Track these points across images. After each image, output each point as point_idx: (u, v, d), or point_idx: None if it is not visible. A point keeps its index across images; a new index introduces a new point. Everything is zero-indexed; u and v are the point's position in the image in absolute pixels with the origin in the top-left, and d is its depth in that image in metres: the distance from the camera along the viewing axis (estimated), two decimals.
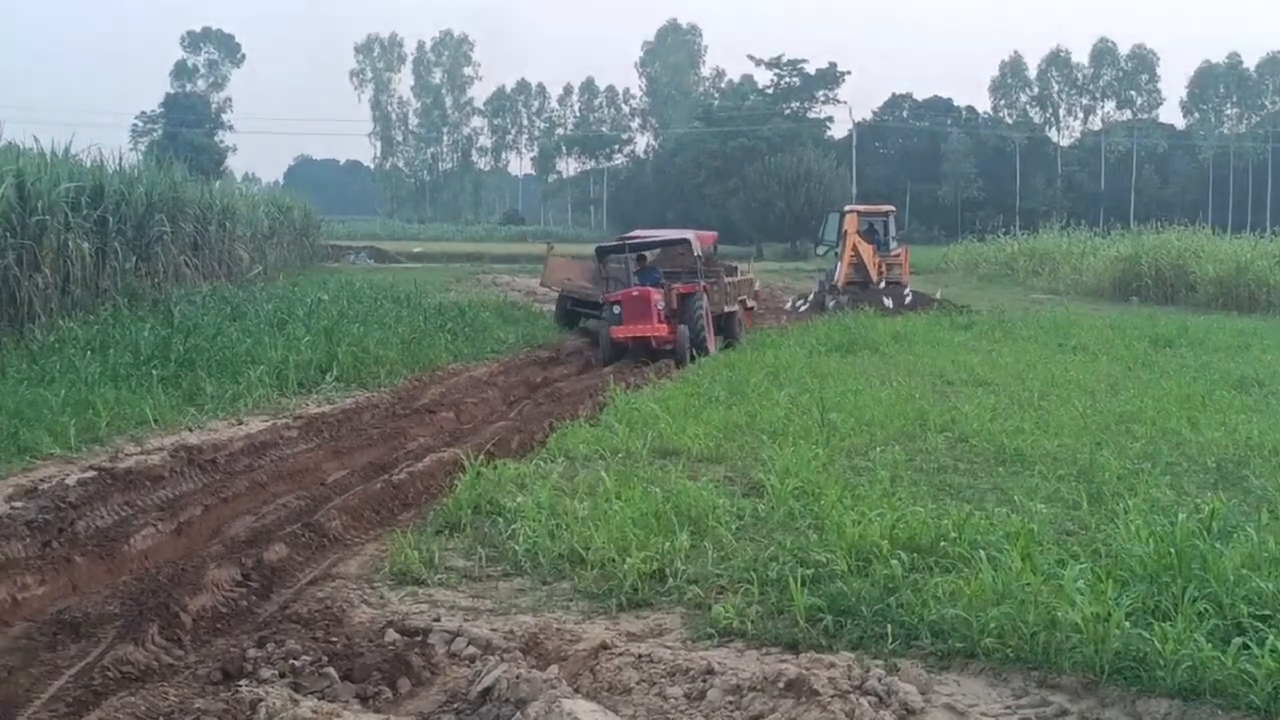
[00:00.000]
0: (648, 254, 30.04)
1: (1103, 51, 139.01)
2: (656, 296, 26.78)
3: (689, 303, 27.56)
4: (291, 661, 7.77)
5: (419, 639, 8.37)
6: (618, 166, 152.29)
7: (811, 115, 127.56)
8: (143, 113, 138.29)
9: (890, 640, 8.23)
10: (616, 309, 26.88)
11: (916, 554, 9.63)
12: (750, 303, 33.75)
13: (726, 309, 29.90)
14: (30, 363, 19.75)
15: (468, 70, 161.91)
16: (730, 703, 7.25)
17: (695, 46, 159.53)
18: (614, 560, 9.91)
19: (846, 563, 9.49)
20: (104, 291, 26.30)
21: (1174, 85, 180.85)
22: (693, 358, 25.90)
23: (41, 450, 14.87)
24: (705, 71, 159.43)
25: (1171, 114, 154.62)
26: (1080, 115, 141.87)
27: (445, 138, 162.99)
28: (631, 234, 35.09)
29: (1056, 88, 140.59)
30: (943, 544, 9.81)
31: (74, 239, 24.74)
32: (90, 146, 29.98)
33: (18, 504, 12.33)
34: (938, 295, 45.07)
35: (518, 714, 6.82)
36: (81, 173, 27.09)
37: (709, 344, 27.19)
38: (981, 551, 9.25)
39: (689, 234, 31.65)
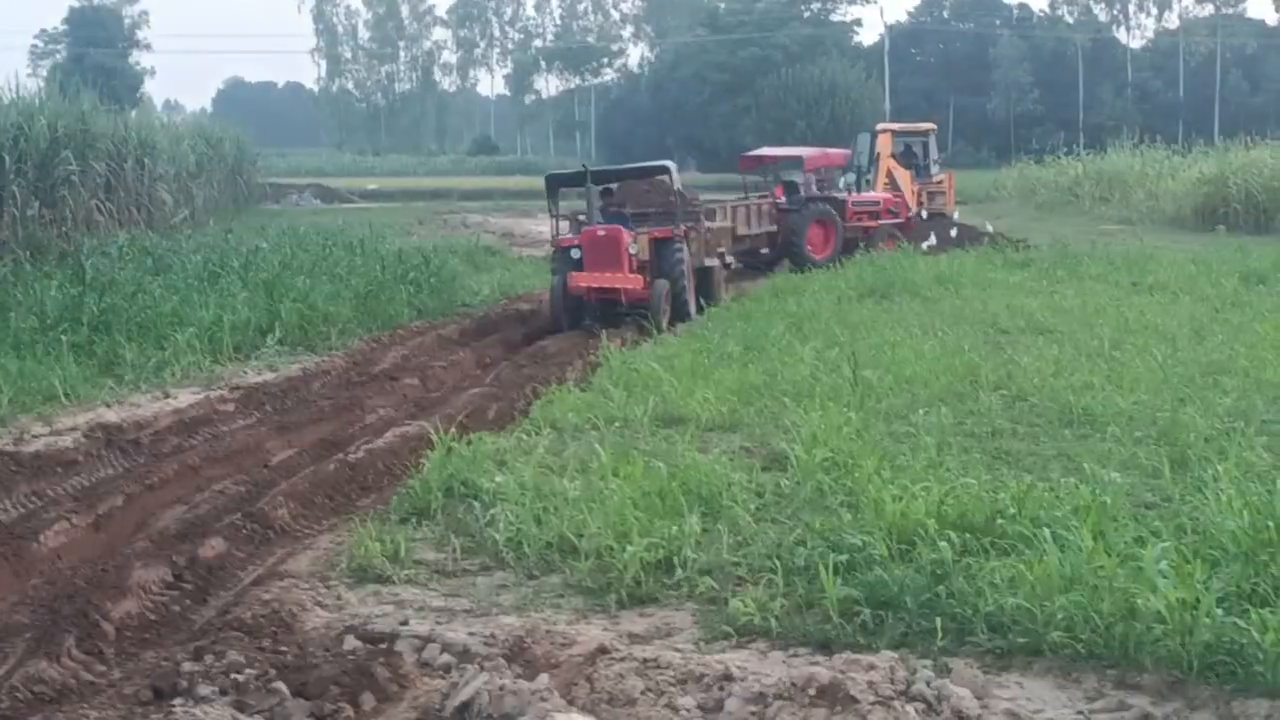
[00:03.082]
0: (614, 186, 28.46)
1: None
2: (627, 239, 25.04)
3: (666, 251, 25.85)
4: (234, 676, 7.76)
5: (384, 646, 8.37)
6: (607, 84, 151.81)
7: (835, 18, 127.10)
8: (43, 31, 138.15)
9: (940, 636, 8.24)
10: (575, 254, 25.18)
11: (969, 534, 9.60)
12: (727, 256, 31.59)
13: (706, 262, 27.99)
14: None
15: None
16: (752, 714, 7.24)
17: None
18: (612, 549, 9.89)
19: (886, 546, 9.47)
20: (2, 243, 26.27)
21: None
22: (671, 320, 24.68)
23: None
24: None
25: (1262, 7, 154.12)
26: (1153, 12, 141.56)
27: (402, 54, 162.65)
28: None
29: None
30: (1000, 522, 9.78)
31: None
32: None
33: None
34: (988, 228, 44.98)
35: None
36: None
37: (690, 305, 25.65)
38: (1046, 530, 9.20)
39: (667, 163, 29.18)
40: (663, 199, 28.01)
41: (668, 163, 29.24)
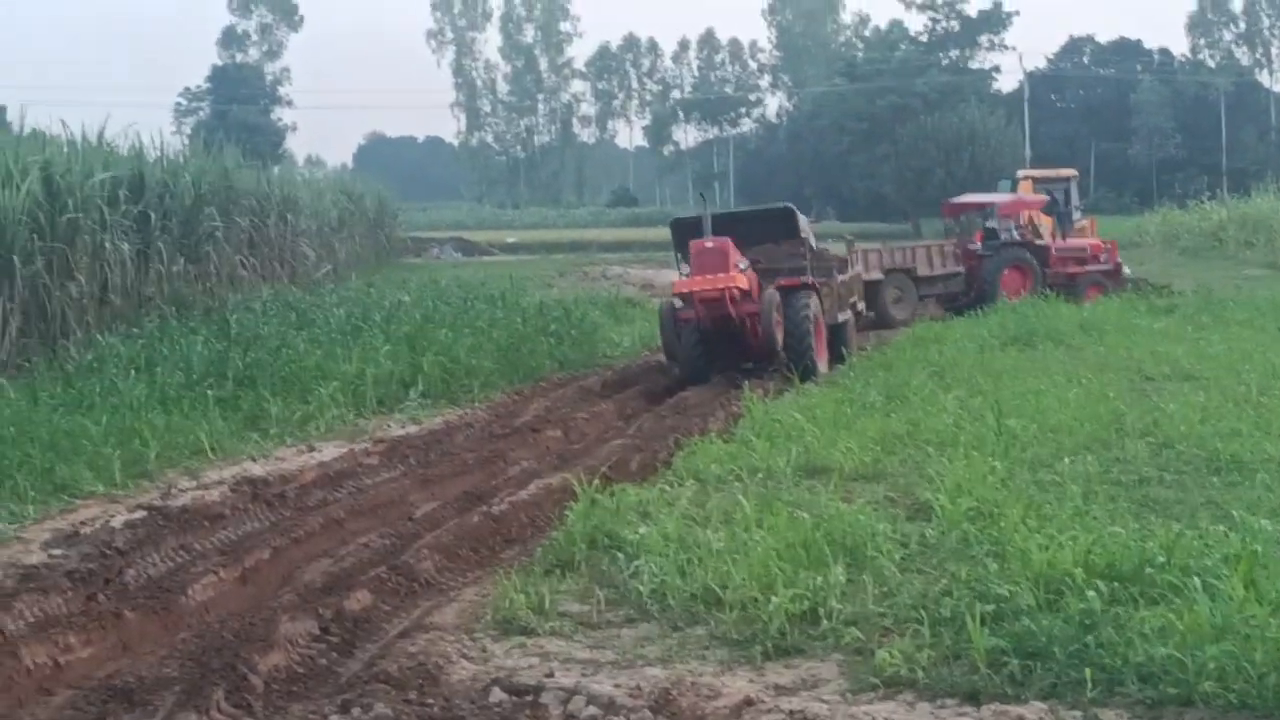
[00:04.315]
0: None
1: None
2: (736, 252, 24.09)
3: (792, 300, 24.50)
4: None
5: (530, 699, 8.38)
6: (745, 134, 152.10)
7: (974, 65, 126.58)
8: (186, 89, 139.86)
9: (1089, 687, 8.10)
10: (685, 269, 24.99)
11: (1117, 583, 9.46)
12: (859, 304, 30.76)
13: (840, 317, 27.06)
14: (66, 386, 20.05)
15: (565, 26, 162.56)
16: None
17: None
18: (756, 600, 9.84)
19: (1034, 596, 9.34)
20: (148, 300, 26.65)
21: None
22: (801, 377, 22.88)
23: (82, 488, 15.12)
24: (846, 18, 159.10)
25: None
26: None
27: (541, 106, 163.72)
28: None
29: (1268, 21, 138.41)
30: (1148, 570, 9.61)
31: (112, 240, 25.07)
32: (127, 129, 30.30)
33: (57, 551, 12.54)
34: (1128, 273, 44.62)
35: None
36: (118, 162, 27.49)
37: (818, 360, 24.51)
38: (1195, 578, 9.08)
39: (790, 205, 28.35)
40: (791, 248, 27.21)
41: (790, 205, 28.50)
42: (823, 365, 24.78)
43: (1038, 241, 40.64)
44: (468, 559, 12.24)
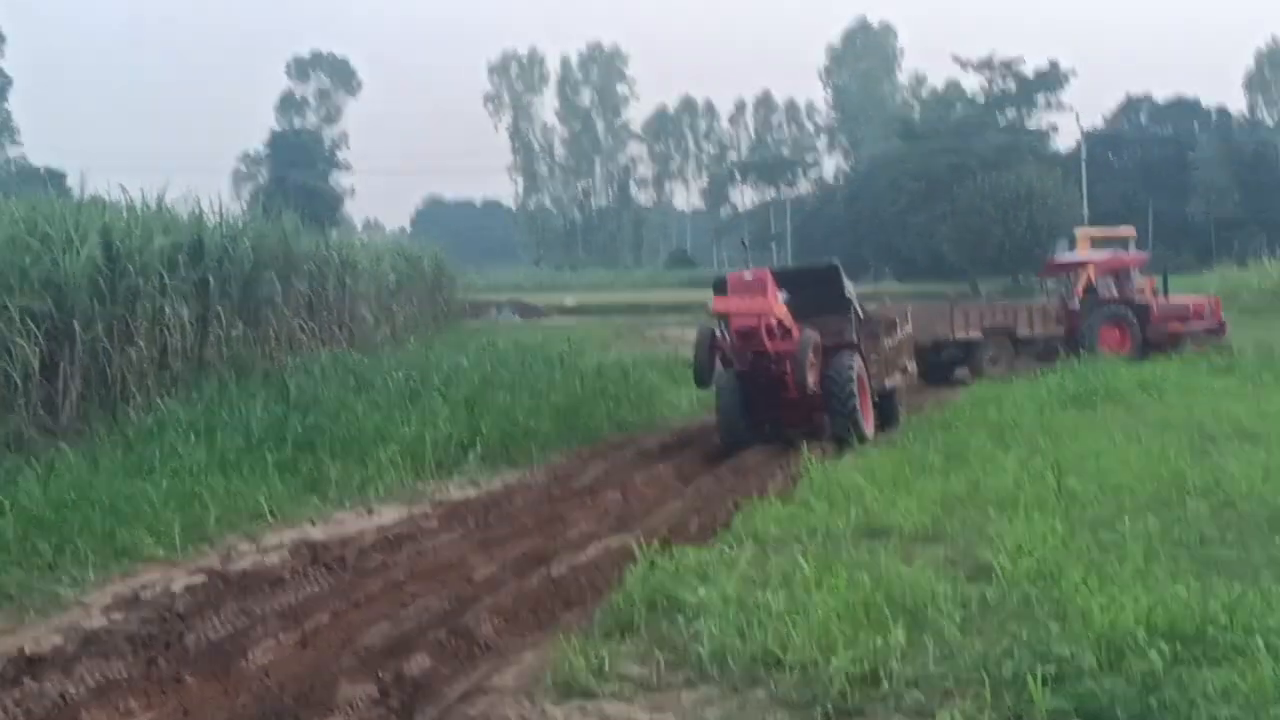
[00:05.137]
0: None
1: None
2: (775, 287, 23.34)
3: (835, 361, 23.84)
4: None
5: None
6: (802, 195, 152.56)
7: (1031, 125, 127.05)
8: (245, 154, 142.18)
9: None
10: (719, 297, 23.80)
11: (1179, 644, 9.38)
12: (910, 365, 29.71)
13: (888, 383, 26.33)
14: (126, 450, 20.13)
15: (622, 88, 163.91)
16: None
17: (890, 49, 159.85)
18: (817, 662, 9.80)
19: (1095, 656, 9.29)
20: (208, 364, 26.76)
21: None
22: (840, 442, 22.86)
23: (143, 552, 15.17)
24: (902, 78, 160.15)
25: None
26: None
27: (598, 169, 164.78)
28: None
29: None
30: (1211, 631, 9.58)
31: (171, 304, 25.21)
32: (186, 195, 30.63)
33: (117, 615, 12.60)
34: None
35: None
36: (178, 227, 27.66)
37: (864, 423, 23.76)
38: (1258, 638, 9.06)
39: (834, 261, 26.87)
40: (837, 310, 25.47)
41: (835, 261, 26.92)
42: (869, 430, 23.93)
43: (1138, 300, 40.80)
44: (527, 621, 12.24)
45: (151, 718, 9.58)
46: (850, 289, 25.89)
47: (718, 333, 24.26)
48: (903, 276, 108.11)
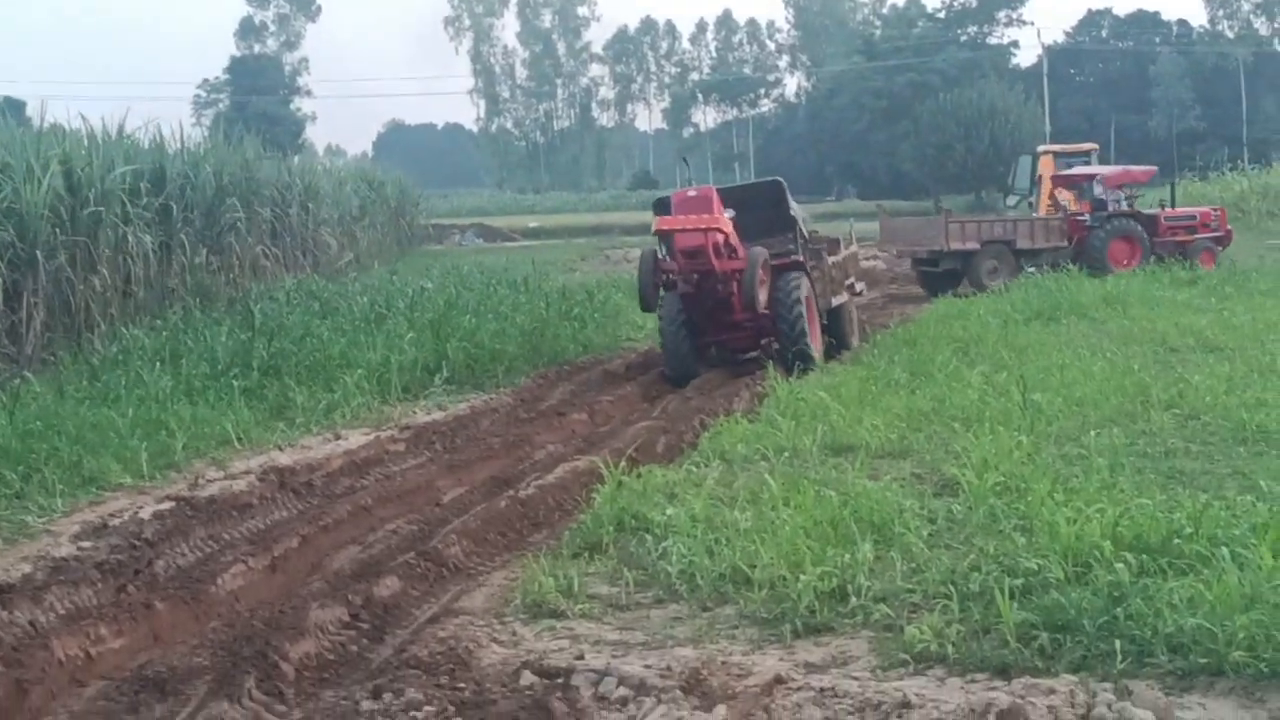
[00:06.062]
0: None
1: None
2: (720, 204, 22.02)
3: (781, 280, 22.77)
4: (412, 714, 7.83)
5: (560, 681, 8.37)
6: (765, 114, 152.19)
7: (992, 41, 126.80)
8: (205, 80, 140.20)
9: (1119, 659, 8.11)
10: (662, 215, 22.66)
11: (1145, 555, 9.47)
12: (859, 286, 28.74)
13: (834, 301, 25.40)
14: (91, 379, 20.12)
15: (582, 10, 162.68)
16: None
17: None
18: (785, 578, 9.87)
19: (1062, 569, 9.39)
20: (171, 292, 26.72)
21: None
22: (789, 367, 21.79)
23: (110, 480, 15.14)
24: None
25: None
26: None
27: (560, 91, 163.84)
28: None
29: None
30: (1176, 542, 9.64)
31: (134, 232, 25.15)
32: (147, 123, 30.29)
33: (86, 543, 12.57)
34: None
35: None
36: (139, 154, 27.58)
37: (813, 345, 22.76)
38: (1224, 548, 9.11)
39: (779, 179, 25.65)
40: (778, 224, 24.69)
41: (779, 179, 25.75)
42: (817, 352, 23.01)
43: (1146, 211, 40.72)
44: (496, 543, 12.27)
45: (122, 644, 9.54)
46: (795, 207, 25.29)
47: (659, 254, 23.31)
48: (865, 194, 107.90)
